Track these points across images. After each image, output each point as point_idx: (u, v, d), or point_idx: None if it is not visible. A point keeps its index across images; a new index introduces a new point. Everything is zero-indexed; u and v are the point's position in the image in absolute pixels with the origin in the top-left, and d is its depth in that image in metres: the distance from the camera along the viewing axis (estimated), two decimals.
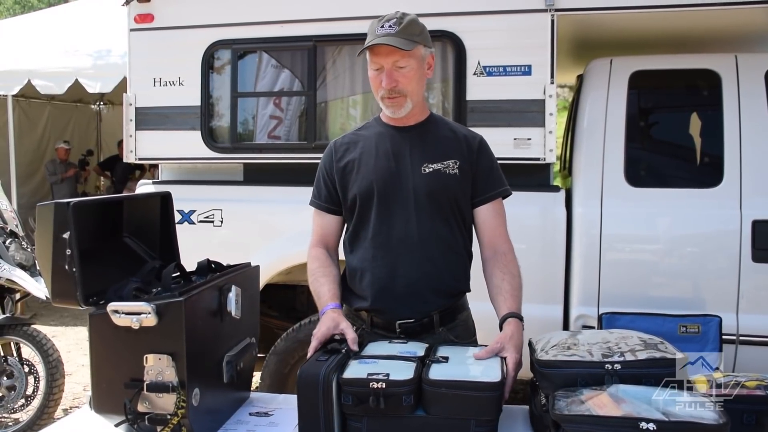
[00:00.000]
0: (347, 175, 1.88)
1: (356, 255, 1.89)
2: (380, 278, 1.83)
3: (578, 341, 1.60)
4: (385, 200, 1.83)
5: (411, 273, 1.81)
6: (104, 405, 1.47)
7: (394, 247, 1.82)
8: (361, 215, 1.86)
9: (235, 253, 1.90)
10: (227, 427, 1.62)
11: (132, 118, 3.48)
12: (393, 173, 1.83)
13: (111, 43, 6.88)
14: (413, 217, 1.81)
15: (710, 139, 2.98)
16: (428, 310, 1.83)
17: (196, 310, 1.47)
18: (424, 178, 1.82)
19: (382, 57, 1.74)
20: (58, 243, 1.45)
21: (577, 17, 3.03)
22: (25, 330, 3.68)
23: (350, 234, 1.92)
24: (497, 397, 1.44)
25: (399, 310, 1.83)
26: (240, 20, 3.34)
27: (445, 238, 1.84)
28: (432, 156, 1.84)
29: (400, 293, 1.82)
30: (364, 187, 1.84)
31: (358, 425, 1.47)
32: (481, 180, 1.87)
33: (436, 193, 1.81)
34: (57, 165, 9.02)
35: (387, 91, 1.76)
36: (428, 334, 1.83)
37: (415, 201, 1.82)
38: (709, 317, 2.68)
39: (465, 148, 1.86)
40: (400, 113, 1.81)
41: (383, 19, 1.75)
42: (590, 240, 2.93)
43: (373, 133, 1.90)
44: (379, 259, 1.83)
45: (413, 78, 1.76)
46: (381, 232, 1.83)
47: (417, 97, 1.81)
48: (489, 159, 1.90)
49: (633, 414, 1.28)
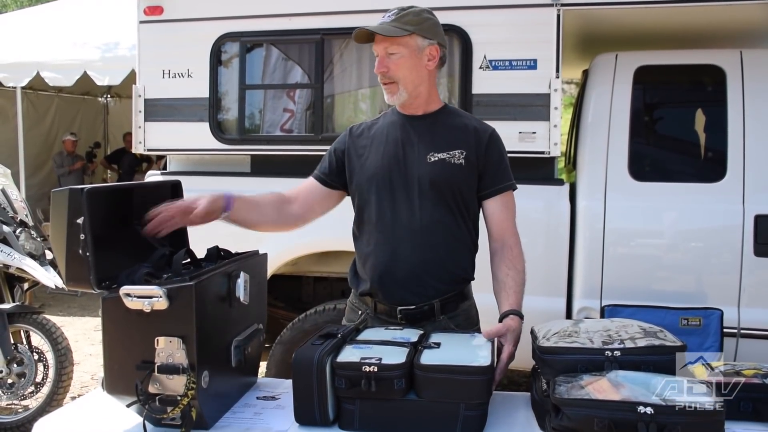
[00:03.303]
0: (357, 159, 1.93)
1: (361, 240, 1.94)
2: (382, 262, 1.87)
3: (579, 329, 1.63)
4: (390, 187, 1.87)
5: (412, 258, 1.84)
6: (116, 386, 1.51)
7: (396, 233, 1.86)
8: (366, 200, 1.91)
9: (241, 243, 1.93)
10: (235, 409, 1.66)
11: (141, 109, 3.52)
12: (399, 160, 1.87)
13: (119, 35, 6.92)
14: (417, 204, 1.85)
15: (714, 134, 3.00)
16: (429, 296, 1.86)
17: (206, 295, 1.50)
18: (428, 166, 1.85)
19: (377, 44, 1.83)
20: (73, 228, 1.49)
21: (583, 12, 3.05)
22: (35, 318, 3.73)
23: (356, 219, 1.97)
24: (487, 381, 1.48)
25: (400, 295, 1.86)
26: (248, 13, 3.36)
27: (448, 226, 1.87)
28: (439, 145, 1.87)
29: (401, 278, 1.85)
30: (371, 172, 1.89)
31: (351, 408, 1.51)
32: (490, 173, 1.89)
33: (440, 182, 1.84)
34: (64, 157, 9.07)
35: (380, 77, 1.85)
36: (429, 321, 1.86)
37: (419, 189, 1.85)
38: (710, 310, 2.70)
39: (473, 140, 1.88)
40: (395, 100, 1.87)
41: (388, 10, 1.84)
42: (594, 233, 2.96)
43: (387, 122, 1.95)
44: (382, 244, 1.87)
45: (403, 65, 1.82)
46: (385, 217, 1.87)
47: (413, 86, 1.85)
48: (499, 152, 1.91)
49: (631, 398, 1.31)
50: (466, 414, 1.47)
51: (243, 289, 1.67)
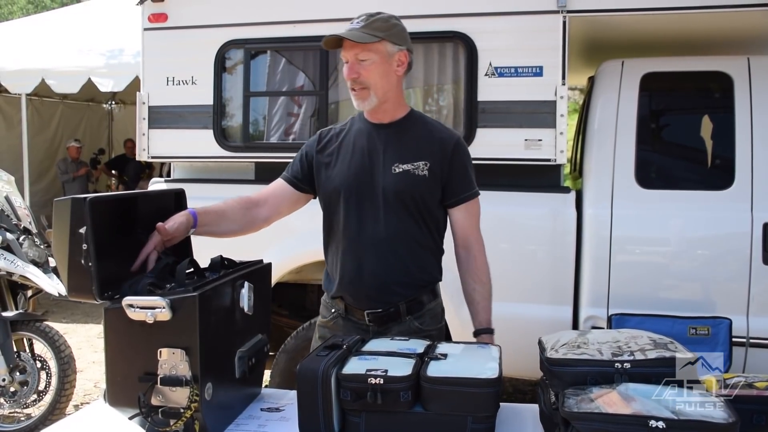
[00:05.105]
0: (325, 167, 1.97)
1: (330, 247, 2.00)
2: (350, 270, 1.93)
3: (588, 340, 1.61)
4: (356, 197, 1.91)
5: (377, 268, 1.90)
6: (118, 398, 1.49)
7: (362, 243, 1.91)
8: (334, 210, 1.95)
9: (246, 251, 1.92)
10: (239, 421, 1.64)
11: (145, 116, 3.51)
12: (366, 171, 1.91)
13: (124, 42, 6.93)
14: (382, 214, 1.89)
15: (721, 141, 2.97)
16: (395, 301, 1.92)
17: (209, 306, 1.49)
18: (393, 177, 1.89)
19: (347, 50, 1.85)
20: (75, 238, 1.48)
21: (589, 19, 3.03)
22: (38, 326, 3.72)
23: (325, 226, 2.01)
24: (494, 394, 1.46)
25: (367, 301, 1.93)
26: (253, 20, 3.36)
27: (413, 235, 1.92)
28: (403, 156, 1.91)
29: (367, 286, 1.92)
30: (339, 182, 1.93)
31: (357, 420, 1.49)
32: (454, 183, 1.94)
33: (404, 193, 1.89)
34: (68, 164, 9.09)
35: (350, 83, 1.87)
36: (395, 322, 1.93)
37: (384, 199, 1.89)
38: (719, 319, 2.67)
39: (438, 151, 1.92)
40: (365, 106, 1.89)
41: (355, 17, 1.87)
42: (600, 241, 2.93)
43: (355, 129, 1.99)
44: (349, 253, 1.92)
45: (374, 71, 1.85)
46: (351, 227, 1.92)
47: (383, 91, 1.88)
48: (463, 163, 1.95)
49: (642, 412, 1.28)
50: (474, 427, 1.45)
51: (247, 300, 1.66)
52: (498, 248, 3.01)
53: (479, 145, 3.04)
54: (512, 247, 3.05)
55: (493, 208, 3.08)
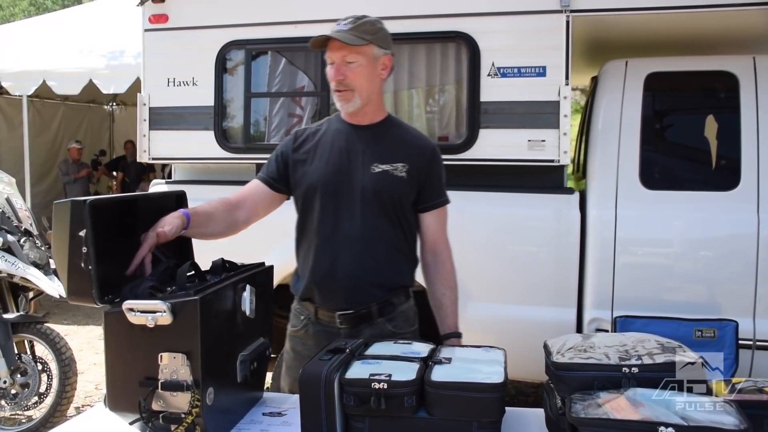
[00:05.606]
0: (301, 165, 1.96)
1: (303, 245, 1.99)
2: (322, 268, 1.92)
3: (594, 344, 1.58)
4: (334, 195, 1.91)
5: (351, 267, 1.89)
6: (119, 403, 1.47)
7: (337, 241, 1.90)
8: (309, 207, 1.95)
9: (247, 253, 1.90)
10: (241, 426, 1.62)
11: (146, 118, 3.50)
12: (344, 170, 1.91)
13: (125, 43, 6.93)
14: (358, 213, 1.90)
15: (727, 141, 2.95)
16: (367, 301, 1.91)
17: (211, 309, 1.46)
18: (372, 176, 1.90)
19: (333, 52, 1.85)
20: (75, 241, 1.45)
21: (593, 18, 3.01)
22: (39, 328, 3.71)
23: (298, 224, 2.01)
24: (500, 398, 1.44)
25: (338, 301, 1.92)
26: (253, 21, 3.35)
27: (388, 236, 1.92)
28: (383, 157, 1.92)
29: (339, 285, 1.90)
30: (315, 180, 1.93)
31: (361, 425, 1.47)
32: (430, 188, 1.96)
33: (382, 192, 1.89)
34: (70, 165, 9.08)
35: (335, 84, 1.87)
36: (367, 324, 1.93)
37: (362, 198, 1.89)
38: (725, 321, 2.65)
39: (416, 155, 1.94)
40: (348, 108, 1.90)
41: (341, 19, 1.86)
42: (604, 243, 2.91)
43: (333, 129, 1.99)
44: (322, 251, 1.92)
45: (361, 74, 1.86)
46: (326, 224, 1.91)
47: (367, 94, 1.89)
48: (439, 169, 1.99)
49: (651, 418, 1.26)
50: None
51: (248, 303, 1.64)
52: (501, 250, 2.99)
53: (482, 146, 3.02)
54: (515, 249, 3.03)
55: (495, 210, 3.08)
